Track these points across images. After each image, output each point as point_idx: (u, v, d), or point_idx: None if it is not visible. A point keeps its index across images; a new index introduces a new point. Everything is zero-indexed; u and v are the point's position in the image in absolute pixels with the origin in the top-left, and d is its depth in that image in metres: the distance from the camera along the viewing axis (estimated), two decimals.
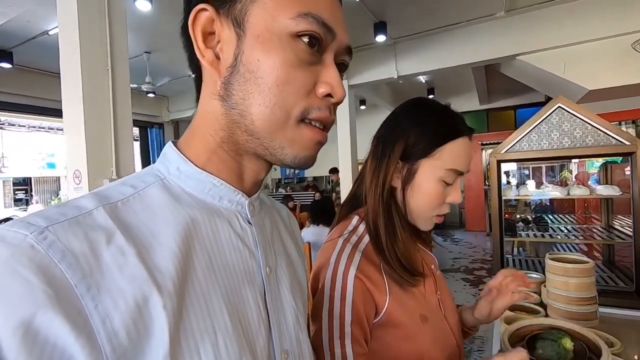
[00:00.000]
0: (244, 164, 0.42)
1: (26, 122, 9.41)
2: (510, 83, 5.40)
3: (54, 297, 0.26)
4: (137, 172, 0.40)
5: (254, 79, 0.36)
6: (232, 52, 0.36)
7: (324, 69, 0.38)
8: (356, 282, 0.63)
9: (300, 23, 0.35)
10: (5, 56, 4.16)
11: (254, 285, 0.40)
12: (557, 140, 1.61)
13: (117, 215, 0.33)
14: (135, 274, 0.30)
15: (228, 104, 0.37)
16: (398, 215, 0.69)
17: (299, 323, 0.45)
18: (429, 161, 0.67)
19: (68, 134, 2.09)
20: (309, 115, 0.38)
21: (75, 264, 0.28)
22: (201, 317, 0.33)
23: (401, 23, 4.13)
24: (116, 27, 2.16)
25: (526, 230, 2.09)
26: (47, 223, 0.29)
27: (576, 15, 3.66)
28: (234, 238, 0.40)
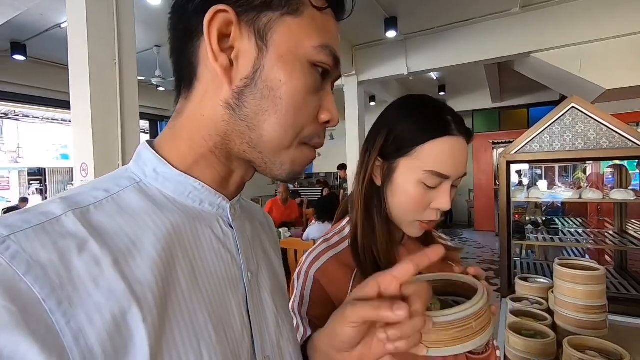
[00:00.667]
0: (233, 169, 0.41)
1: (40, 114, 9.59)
2: (524, 81, 5.29)
3: (19, 315, 0.24)
4: (109, 175, 0.38)
5: (273, 97, 0.36)
6: (251, 64, 0.36)
7: (325, 96, 0.40)
8: (314, 281, 0.63)
9: (321, 54, 0.37)
10: (19, 49, 4.22)
11: (237, 292, 0.39)
12: (570, 141, 1.55)
13: (89, 220, 0.31)
14: (112, 286, 0.28)
15: (237, 114, 0.36)
16: (380, 215, 0.65)
17: (279, 328, 0.44)
18: (407, 161, 0.61)
19: (75, 126, 2.10)
20: (312, 141, 0.40)
21: (42, 277, 0.26)
22: (184, 329, 0.32)
23: (412, 18, 4.06)
24: (124, 20, 2.16)
25: (535, 233, 2.03)
26: (8, 232, 0.27)
27: (593, 12, 3.54)
28: (215, 243, 0.38)
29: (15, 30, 3.83)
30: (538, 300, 1.40)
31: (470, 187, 8.47)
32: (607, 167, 2.75)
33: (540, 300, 1.40)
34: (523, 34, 3.88)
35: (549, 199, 1.93)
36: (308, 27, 0.37)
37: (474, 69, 5.24)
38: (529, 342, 1.09)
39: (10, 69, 4.53)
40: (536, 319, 1.26)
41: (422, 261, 0.36)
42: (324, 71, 0.38)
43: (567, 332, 1.15)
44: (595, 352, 0.98)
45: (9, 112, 7.88)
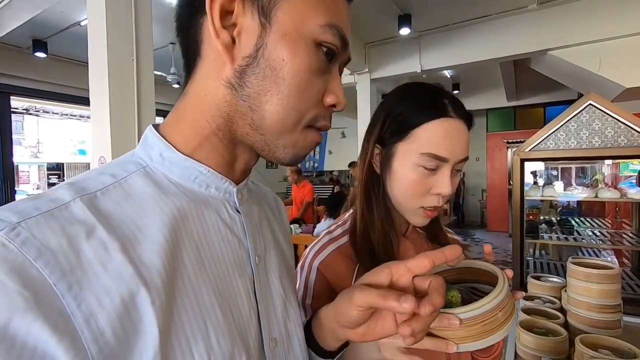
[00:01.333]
0: (237, 153, 0.40)
1: (59, 110, 9.82)
2: (540, 79, 5.17)
3: (31, 299, 0.25)
4: (116, 160, 0.38)
5: (275, 77, 0.35)
6: (254, 42, 0.35)
7: (331, 79, 0.39)
8: (318, 273, 0.63)
9: (327, 33, 0.36)
10: (40, 46, 4.34)
11: (244, 275, 0.39)
12: (587, 139, 1.53)
13: (97, 206, 0.31)
14: (120, 270, 0.29)
15: (239, 94, 0.36)
16: (380, 204, 0.65)
17: (287, 311, 0.44)
18: (404, 145, 0.61)
19: (94, 121, 2.16)
20: (317, 123, 0.39)
21: (53, 262, 0.26)
22: (192, 312, 0.32)
23: (426, 16, 4.02)
24: (142, 18, 2.20)
25: (549, 233, 2.00)
26: (19, 218, 0.27)
27: (613, 8, 3.44)
28: (222, 228, 0.39)
29: (36, 28, 3.93)
30: (550, 299, 1.39)
31: (483, 187, 8.35)
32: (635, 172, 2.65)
33: (552, 299, 1.38)
34: (540, 31, 3.80)
35: (564, 197, 1.90)
36: (315, 5, 0.35)
37: (489, 67, 5.16)
38: (540, 339, 1.08)
39: (31, 65, 4.66)
40: (548, 317, 1.25)
41: (438, 259, 0.36)
42: (330, 52, 0.37)
43: (580, 331, 1.13)
44: (608, 351, 0.97)
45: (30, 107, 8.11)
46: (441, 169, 0.60)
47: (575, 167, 3.84)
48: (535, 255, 2.26)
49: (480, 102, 7.49)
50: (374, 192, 0.66)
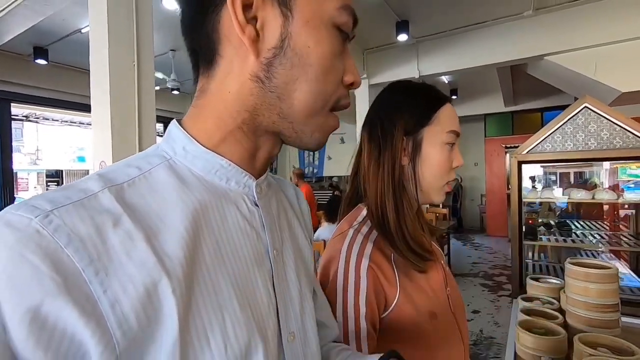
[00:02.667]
0: (260, 144, 0.41)
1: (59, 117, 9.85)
2: (537, 84, 5.23)
3: (62, 284, 0.26)
4: (143, 152, 0.39)
5: (302, 65, 0.35)
6: (278, 33, 0.35)
7: (346, 58, 0.40)
8: (369, 272, 0.62)
9: (343, 15, 0.37)
10: (41, 53, 4.38)
11: (263, 268, 0.40)
12: (583, 141, 1.55)
13: (123, 197, 0.32)
14: (144, 259, 0.30)
15: (267, 86, 0.36)
16: (407, 196, 0.69)
17: (302, 304, 0.45)
18: (431, 128, 0.69)
19: (95, 127, 2.17)
20: (340, 103, 0.40)
21: (82, 249, 0.28)
22: (209, 302, 0.33)
23: (424, 22, 4.07)
24: (143, 24, 2.23)
25: (548, 235, 2.01)
26: (52, 206, 0.29)
27: (608, 14, 3.50)
28: (241, 221, 0.39)
29: (38, 35, 3.97)
30: (549, 300, 1.40)
31: (482, 192, 8.37)
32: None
33: (551, 300, 1.39)
34: (536, 37, 3.85)
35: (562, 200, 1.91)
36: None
37: (486, 73, 5.21)
38: (539, 339, 1.09)
39: (32, 72, 4.69)
40: (547, 318, 1.26)
41: None
42: (347, 34, 0.38)
43: (579, 330, 1.14)
44: (606, 349, 0.97)
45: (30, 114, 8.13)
46: (454, 145, 0.71)
47: (574, 172, 3.86)
48: (534, 258, 2.27)
49: (478, 107, 7.55)
50: (403, 183, 0.70)
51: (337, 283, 0.62)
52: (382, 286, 0.62)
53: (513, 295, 1.76)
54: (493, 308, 3.81)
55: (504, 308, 3.75)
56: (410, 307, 0.64)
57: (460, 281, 4.67)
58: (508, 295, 4.10)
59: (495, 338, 3.11)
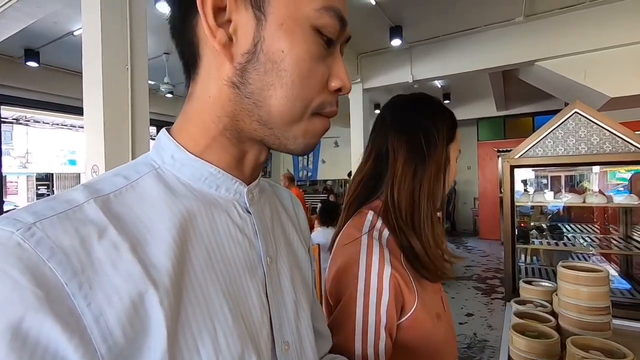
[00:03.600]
0: (246, 149, 0.40)
1: (50, 120, 9.74)
2: (529, 89, 5.30)
3: (44, 298, 0.25)
4: (132, 162, 0.39)
5: (277, 70, 0.34)
6: (251, 37, 0.34)
7: (334, 62, 0.38)
8: (392, 281, 0.60)
9: (323, 16, 0.35)
10: (32, 55, 4.33)
11: (255, 277, 0.39)
12: (573, 146, 1.57)
13: (110, 208, 0.32)
14: (130, 270, 0.29)
15: (242, 92, 0.35)
16: (436, 203, 0.72)
17: (298, 314, 0.44)
18: (453, 145, 0.76)
19: (88, 130, 2.15)
20: (324, 110, 0.38)
21: (65, 262, 0.27)
22: (199, 311, 0.32)
23: (417, 27, 4.11)
24: (136, 28, 2.22)
25: (540, 238, 2.04)
26: (34, 219, 0.28)
27: (598, 21, 3.57)
28: (232, 229, 0.38)
29: (29, 37, 3.93)
30: (542, 303, 1.41)
31: (475, 195, 8.44)
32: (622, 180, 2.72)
33: (544, 303, 1.40)
34: (527, 43, 3.91)
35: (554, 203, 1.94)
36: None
37: (478, 77, 5.27)
38: (532, 342, 1.10)
39: (23, 75, 4.63)
40: (540, 321, 1.27)
41: None
42: (331, 37, 0.36)
43: (571, 333, 1.15)
44: (598, 352, 0.99)
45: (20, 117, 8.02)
46: None
47: (565, 176, 3.92)
48: (527, 261, 2.30)
49: (470, 111, 7.63)
50: (434, 194, 0.72)
51: (358, 291, 0.60)
52: (402, 294, 0.61)
53: (506, 299, 1.78)
54: (486, 311, 3.83)
55: (497, 311, 3.77)
56: (424, 311, 0.64)
57: (453, 284, 4.69)
58: (501, 298, 4.13)
59: (488, 341, 3.12)
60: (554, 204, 2.07)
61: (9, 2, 2.49)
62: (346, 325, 0.59)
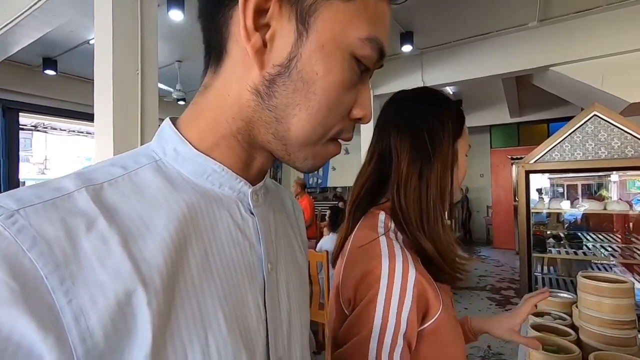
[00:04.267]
0: (254, 156, 0.38)
1: (67, 127, 9.98)
2: (543, 95, 5.19)
3: (19, 291, 0.23)
4: (131, 151, 0.36)
5: (306, 92, 0.33)
6: (287, 50, 0.32)
7: (362, 90, 0.37)
8: (416, 285, 0.56)
9: (367, 47, 0.33)
10: (50, 64, 4.45)
11: (254, 284, 0.36)
12: (593, 150, 1.50)
13: (102, 198, 0.29)
14: (118, 266, 0.27)
15: (265, 103, 0.33)
16: (445, 204, 0.69)
17: (291, 329, 0.40)
18: (461, 140, 0.73)
19: (98, 135, 2.17)
20: (341, 136, 0.38)
21: (47, 253, 0.25)
22: (191, 316, 0.30)
23: (428, 33, 4.08)
24: (148, 34, 2.25)
25: (557, 247, 1.95)
26: (18, 206, 0.26)
27: (615, 24, 3.48)
28: (233, 228, 0.36)
29: (47, 46, 4.04)
30: (561, 316, 1.33)
31: (488, 203, 8.26)
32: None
33: (563, 316, 1.33)
34: (541, 48, 3.84)
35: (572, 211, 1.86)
36: (357, 14, 0.33)
37: (491, 84, 5.19)
38: (552, 357, 1.03)
39: (41, 83, 4.77)
40: (559, 334, 1.20)
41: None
42: (367, 69, 0.35)
43: (593, 348, 1.08)
44: None
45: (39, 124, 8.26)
46: None
47: (582, 184, 3.80)
48: (543, 271, 2.20)
49: (483, 118, 7.51)
50: (443, 193, 0.68)
51: (379, 295, 0.55)
52: (427, 299, 0.57)
53: None
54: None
55: None
56: (447, 317, 0.60)
57: (466, 295, 4.56)
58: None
59: (503, 355, 3.00)
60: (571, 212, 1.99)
61: (27, 10, 2.56)
62: (363, 329, 0.55)
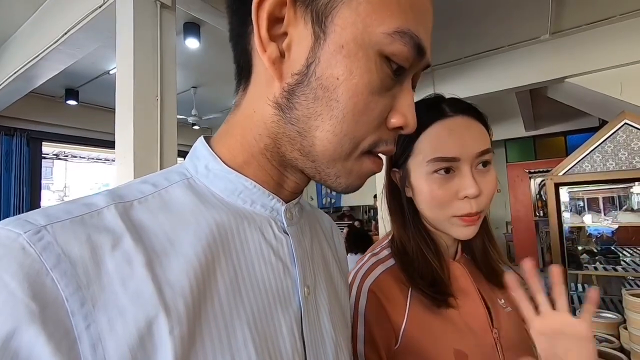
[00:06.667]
0: (286, 175, 0.36)
1: (86, 154, 10.29)
2: (559, 107, 5.12)
3: (38, 313, 0.22)
4: (163, 170, 0.36)
5: (328, 100, 0.29)
6: (305, 56, 0.30)
7: (401, 95, 0.32)
8: (369, 295, 0.57)
9: (395, 42, 0.29)
10: (72, 94, 4.63)
11: (289, 310, 0.33)
12: (626, 160, 1.44)
13: (130, 216, 0.28)
14: (141, 289, 0.25)
15: (286, 116, 0.31)
16: (415, 228, 0.63)
17: (338, 359, 0.36)
18: (412, 160, 0.61)
19: (118, 160, 2.21)
20: (377, 148, 0.33)
21: (70, 273, 0.24)
22: (218, 345, 0.27)
23: (439, 50, 4.10)
24: (167, 62, 2.32)
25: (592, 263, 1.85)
26: (46, 221, 0.25)
27: (629, 34, 3.43)
28: (265, 249, 0.33)
29: (69, 77, 4.21)
30: (607, 338, 1.24)
31: (507, 219, 8.04)
32: None
33: (610, 338, 1.23)
34: (555, 60, 3.81)
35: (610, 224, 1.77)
36: (383, 5, 0.29)
37: (504, 98, 5.15)
38: None
39: (63, 113, 4.96)
40: (608, 359, 1.11)
41: None
42: (401, 69, 0.31)
43: None
44: None
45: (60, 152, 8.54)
46: (459, 170, 0.58)
47: (603, 197, 3.63)
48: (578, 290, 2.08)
49: (497, 133, 7.40)
50: (403, 215, 0.64)
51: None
52: (386, 313, 0.56)
53: None
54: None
55: None
56: (426, 339, 0.56)
57: None
58: None
59: None
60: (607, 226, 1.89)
61: (53, 44, 2.68)
62: None
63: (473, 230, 0.59)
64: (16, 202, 4.45)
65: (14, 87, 3.46)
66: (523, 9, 3.32)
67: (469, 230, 0.59)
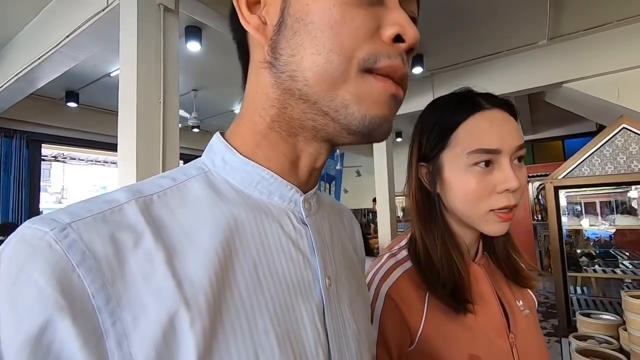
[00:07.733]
0: (299, 147, 0.35)
1: (85, 156, 10.26)
2: (557, 112, 5.17)
3: (66, 308, 0.23)
4: (182, 165, 0.36)
5: (304, 26, 0.29)
6: (278, 8, 0.31)
7: (387, 11, 0.31)
8: (387, 300, 0.56)
9: None
10: (72, 97, 4.63)
11: (310, 301, 0.33)
12: (625, 164, 1.46)
13: (150, 211, 0.29)
14: (162, 285, 0.26)
15: (277, 68, 0.31)
16: (441, 227, 0.61)
17: (360, 352, 0.36)
18: (448, 152, 0.59)
19: (121, 162, 2.22)
20: (377, 63, 0.30)
21: (95, 269, 0.24)
22: (241, 339, 0.27)
23: (438, 55, 4.15)
24: (169, 65, 2.33)
25: (592, 266, 1.87)
26: (70, 219, 0.26)
27: (627, 39, 3.48)
28: (284, 241, 0.34)
29: (70, 80, 4.21)
30: (607, 339, 1.25)
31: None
32: None
33: (609, 339, 1.25)
34: (553, 65, 3.85)
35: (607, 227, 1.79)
36: None
37: None
38: None
39: (63, 115, 4.96)
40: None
41: None
42: None
43: None
44: None
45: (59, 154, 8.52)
46: (498, 163, 0.56)
47: (600, 202, 3.66)
48: (577, 292, 2.10)
49: None
50: (430, 214, 0.62)
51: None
52: (403, 317, 0.55)
53: (560, 334, 1.61)
54: None
55: (550, 348, 3.45)
56: (441, 343, 0.56)
57: None
58: (553, 329, 3.79)
59: None
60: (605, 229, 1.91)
61: (55, 47, 2.69)
62: None
63: (506, 226, 0.58)
64: (14, 204, 4.44)
65: (16, 89, 3.46)
66: (521, 15, 3.37)
67: (503, 226, 0.58)
